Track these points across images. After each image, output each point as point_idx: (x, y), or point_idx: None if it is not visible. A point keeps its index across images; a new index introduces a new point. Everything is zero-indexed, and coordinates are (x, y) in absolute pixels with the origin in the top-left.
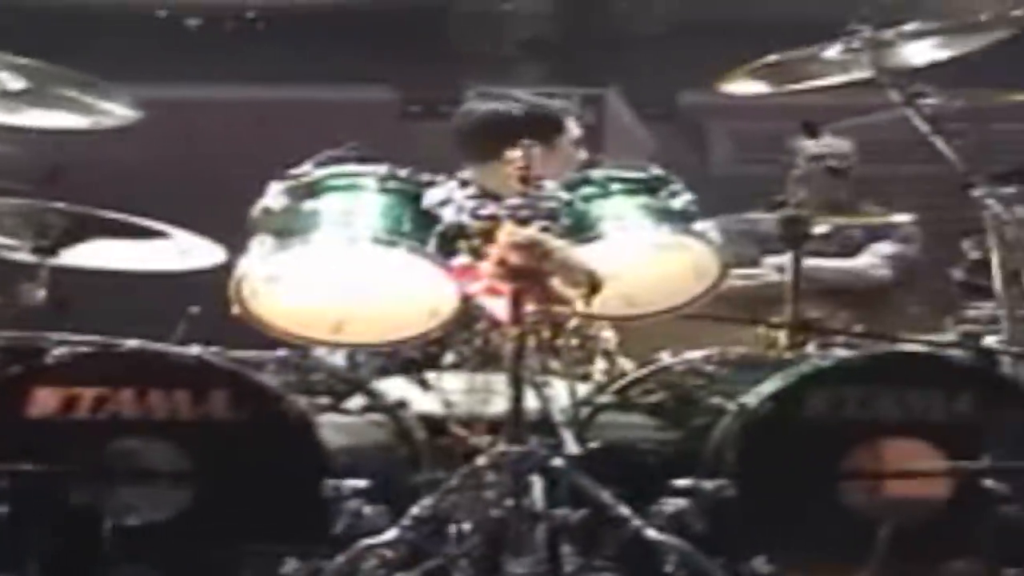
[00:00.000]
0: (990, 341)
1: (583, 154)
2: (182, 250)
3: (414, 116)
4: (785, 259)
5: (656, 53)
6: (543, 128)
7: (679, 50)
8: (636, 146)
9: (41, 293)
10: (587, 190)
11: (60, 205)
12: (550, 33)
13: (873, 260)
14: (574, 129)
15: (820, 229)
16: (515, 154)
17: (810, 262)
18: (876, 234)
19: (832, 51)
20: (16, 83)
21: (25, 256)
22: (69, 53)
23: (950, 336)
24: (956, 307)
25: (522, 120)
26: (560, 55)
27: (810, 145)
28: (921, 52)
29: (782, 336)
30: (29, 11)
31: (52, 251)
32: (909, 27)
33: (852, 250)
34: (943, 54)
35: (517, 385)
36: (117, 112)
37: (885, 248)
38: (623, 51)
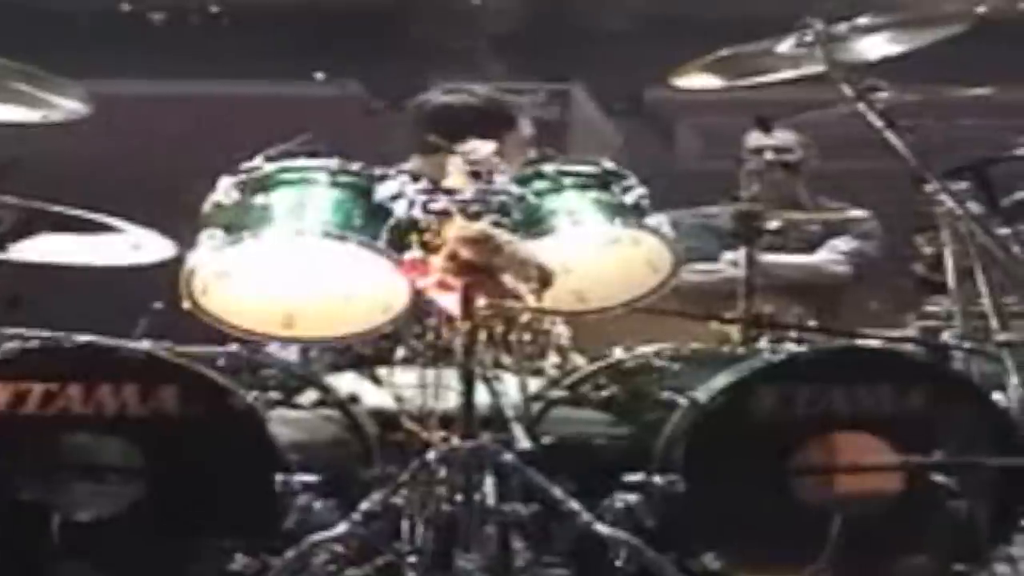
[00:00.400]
0: (947, 337)
1: (533, 152)
2: (134, 245)
3: (380, 111)
4: (741, 254)
5: (622, 48)
6: (494, 124)
7: (645, 45)
8: (602, 141)
9: None
10: (539, 185)
11: (8, 199)
12: (516, 28)
13: (830, 256)
14: (526, 127)
15: (773, 224)
16: (462, 147)
17: (767, 257)
18: (835, 230)
19: (785, 45)
20: None
21: None
22: (32, 47)
23: (910, 332)
24: (918, 303)
25: (473, 115)
26: (526, 50)
27: (752, 138)
28: (875, 46)
29: (735, 331)
30: None
31: (1, 245)
32: (862, 21)
33: (810, 246)
34: (897, 48)
35: (468, 380)
36: (68, 106)
37: (843, 244)
38: (589, 46)
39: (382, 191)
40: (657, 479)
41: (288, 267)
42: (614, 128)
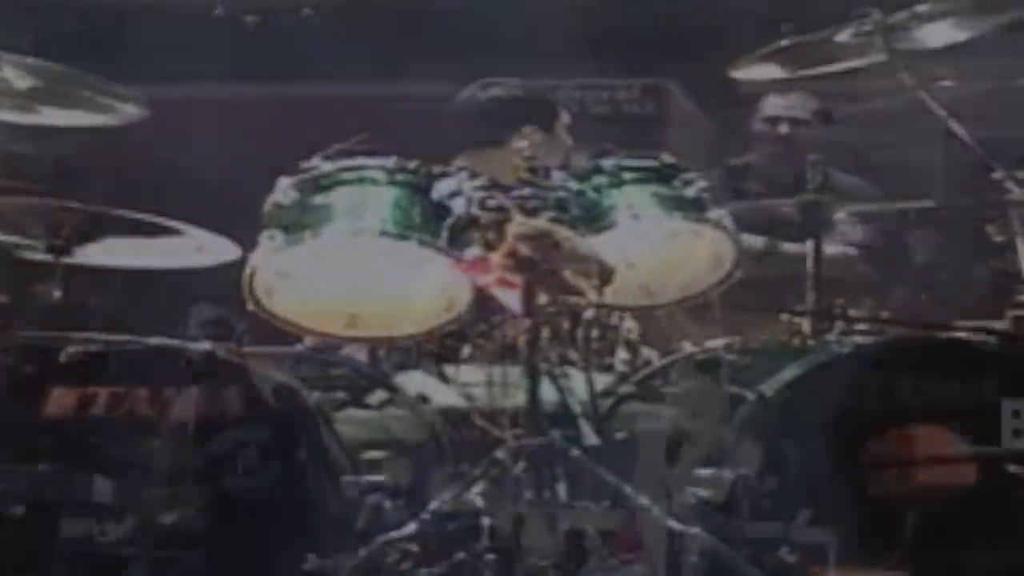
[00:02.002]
0: None
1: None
2: (197, 247)
3: None
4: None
5: (716, 42)
6: (541, 114)
7: (739, 38)
8: (698, 136)
9: (57, 292)
10: (598, 180)
11: (72, 203)
12: (608, 24)
13: (840, 249)
14: (565, 116)
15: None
16: (521, 142)
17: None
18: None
19: (844, 35)
20: (24, 82)
21: (39, 255)
22: (128, 50)
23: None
24: (1011, 293)
25: (523, 106)
26: (619, 45)
27: (768, 105)
28: (939, 33)
29: (806, 323)
30: (86, 9)
31: (66, 249)
32: (922, 8)
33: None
34: (962, 35)
35: (533, 377)
36: (130, 111)
37: (847, 231)
38: (683, 40)
39: (440, 189)
40: (728, 473)
41: (349, 266)
42: (711, 122)
